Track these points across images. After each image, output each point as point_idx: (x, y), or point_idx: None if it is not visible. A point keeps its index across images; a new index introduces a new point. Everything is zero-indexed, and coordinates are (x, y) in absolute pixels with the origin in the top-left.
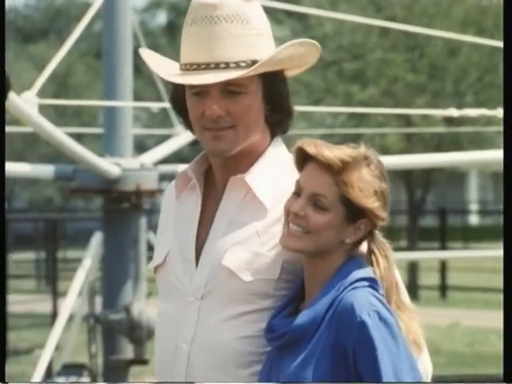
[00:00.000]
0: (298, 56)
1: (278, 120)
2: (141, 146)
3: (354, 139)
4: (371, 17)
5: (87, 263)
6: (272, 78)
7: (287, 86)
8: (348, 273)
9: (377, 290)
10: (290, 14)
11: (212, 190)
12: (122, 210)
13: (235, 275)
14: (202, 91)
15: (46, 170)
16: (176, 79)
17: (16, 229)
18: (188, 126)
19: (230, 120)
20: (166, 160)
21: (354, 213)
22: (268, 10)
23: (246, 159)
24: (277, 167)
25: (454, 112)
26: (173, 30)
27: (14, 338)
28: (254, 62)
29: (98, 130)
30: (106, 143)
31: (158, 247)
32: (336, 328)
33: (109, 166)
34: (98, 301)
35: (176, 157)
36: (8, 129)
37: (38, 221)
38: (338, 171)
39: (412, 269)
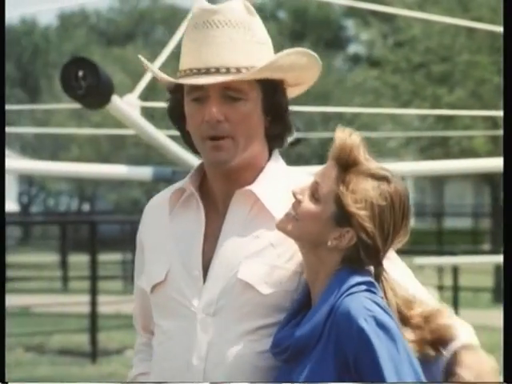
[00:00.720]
0: (299, 67)
1: (279, 133)
2: None
3: (442, 142)
4: (458, 18)
5: None
6: (272, 88)
7: (287, 99)
8: (344, 278)
9: (374, 292)
10: (377, 15)
11: (209, 203)
12: None
13: (253, 288)
14: (201, 97)
15: (144, 172)
16: (175, 80)
17: (102, 231)
18: (185, 138)
19: (228, 128)
20: None
21: (343, 216)
22: (356, 12)
23: (248, 172)
24: (280, 180)
25: None
26: None
27: (103, 339)
28: None
29: None
30: None
31: (154, 265)
32: (336, 336)
33: None
34: None
35: None
36: (95, 131)
37: (124, 223)
38: (344, 167)
39: (497, 272)
